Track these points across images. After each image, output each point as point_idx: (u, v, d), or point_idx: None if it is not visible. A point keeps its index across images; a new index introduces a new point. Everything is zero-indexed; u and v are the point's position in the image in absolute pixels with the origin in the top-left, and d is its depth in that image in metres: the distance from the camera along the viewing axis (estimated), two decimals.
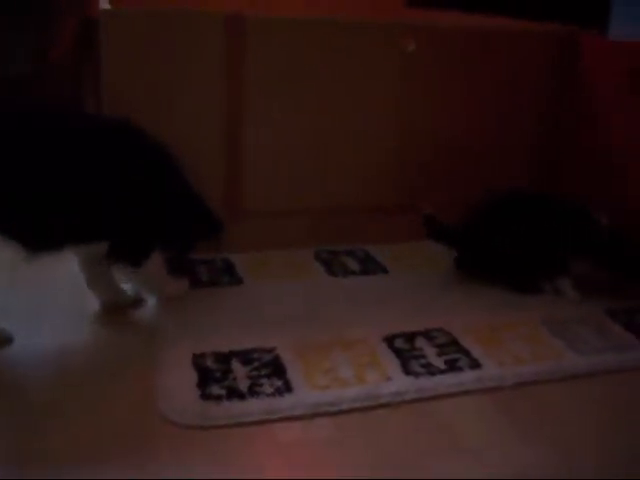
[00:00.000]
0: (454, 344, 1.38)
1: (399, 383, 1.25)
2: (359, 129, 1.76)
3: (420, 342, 1.39)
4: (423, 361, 1.32)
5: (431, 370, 1.29)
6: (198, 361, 1.29)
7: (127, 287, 1.50)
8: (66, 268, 1.45)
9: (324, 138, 1.74)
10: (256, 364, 1.28)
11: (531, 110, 1.92)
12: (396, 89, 1.76)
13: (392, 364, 1.30)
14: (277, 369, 1.27)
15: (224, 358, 1.30)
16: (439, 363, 1.32)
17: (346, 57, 1.70)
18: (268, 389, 1.21)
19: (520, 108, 1.91)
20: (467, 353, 1.35)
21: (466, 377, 1.28)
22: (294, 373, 1.26)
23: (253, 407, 1.16)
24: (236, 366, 1.28)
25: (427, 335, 1.41)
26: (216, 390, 1.20)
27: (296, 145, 1.73)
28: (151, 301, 1.51)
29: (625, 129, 1.72)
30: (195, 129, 1.64)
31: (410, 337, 1.40)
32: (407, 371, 1.28)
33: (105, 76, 1.55)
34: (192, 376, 1.24)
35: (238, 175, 1.72)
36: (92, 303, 1.48)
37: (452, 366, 1.31)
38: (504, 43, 1.83)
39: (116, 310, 1.47)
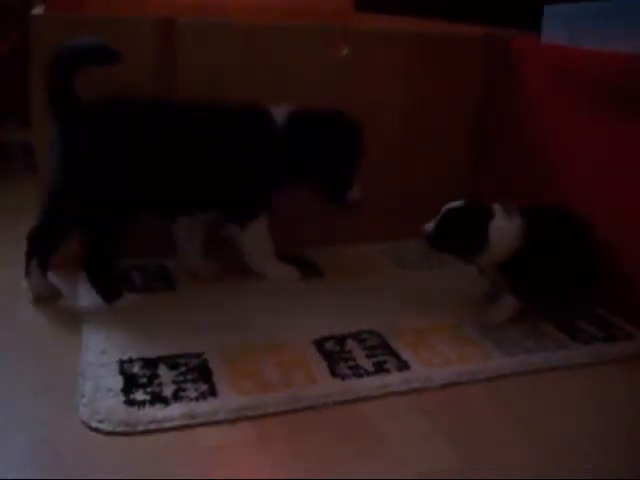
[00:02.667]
0: (384, 346, 1.39)
1: (324, 385, 1.25)
2: None
3: (350, 344, 1.39)
4: (351, 363, 1.32)
5: (358, 372, 1.30)
6: (125, 367, 1.28)
7: None
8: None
9: None
10: (183, 369, 1.28)
11: (463, 112, 1.95)
12: (329, 90, 1.77)
13: (319, 367, 1.31)
14: (203, 374, 1.27)
15: (151, 363, 1.29)
16: (367, 365, 1.32)
17: (281, 60, 1.70)
18: (192, 394, 1.21)
19: (452, 110, 1.93)
20: (396, 355, 1.36)
21: (393, 379, 1.29)
22: (220, 378, 1.26)
23: (175, 412, 1.16)
24: (163, 371, 1.27)
25: (358, 337, 1.42)
26: (140, 395, 1.20)
27: None
28: (84, 305, 1.51)
29: (555, 130, 1.74)
30: None
31: (340, 340, 1.41)
32: (334, 373, 1.29)
33: (34, 80, 1.54)
34: (117, 381, 1.23)
35: None
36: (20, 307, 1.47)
37: (380, 368, 1.31)
38: (435, 47, 1.85)
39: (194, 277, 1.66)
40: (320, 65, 1.75)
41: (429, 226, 1.49)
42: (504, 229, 1.46)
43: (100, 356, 1.31)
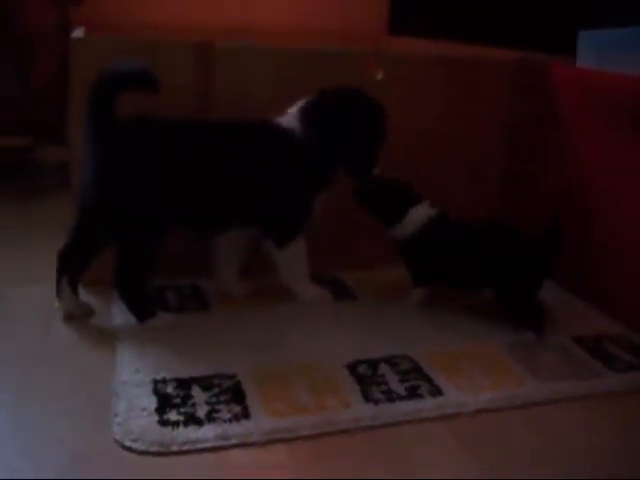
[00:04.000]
0: (417, 371, 1.39)
1: (358, 409, 1.25)
2: None
3: (383, 368, 1.39)
4: (384, 387, 1.32)
5: (391, 397, 1.29)
6: (159, 387, 1.29)
7: None
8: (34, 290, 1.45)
9: None
10: (216, 390, 1.28)
11: (495, 136, 1.94)
12: None
13: (352, 390, 1.30)
14: (237, 395, 1.27)
15: (185, 384, 1.30)
16: (400, 390, 1.32)
17: (311, 85, 1.71)
18: (226, 415, 1.21)
19: (484, 134, 1.92)
20: (429, 380, 1.35)
21: (426, 404, 1.28)
22: (253, 399, 1.26)
23: (209, 433, 1.16)
24: (196, 392, 1.28)
25: (390, 361, 1.41)
26: (174, 416, 1.20)
27: None
28: (117, 323, 1.52)
29: (591, 156, 1.73)
30: None
31: (373, 363, 1.40)
32: (367, 397, 1.28)
33: (74, 102, 1.56)
34: (151, 401, 1.24)
35: None
36: (54, 327, 1.49)
37: (413, 393, 1.31)
38: (468, 71, 1.85)
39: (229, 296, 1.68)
40: None
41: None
42: (420, 214, 1.63)
43: (134, 375, 1.32)
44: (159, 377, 1.32)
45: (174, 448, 1.13)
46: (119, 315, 1.55)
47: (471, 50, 2.14)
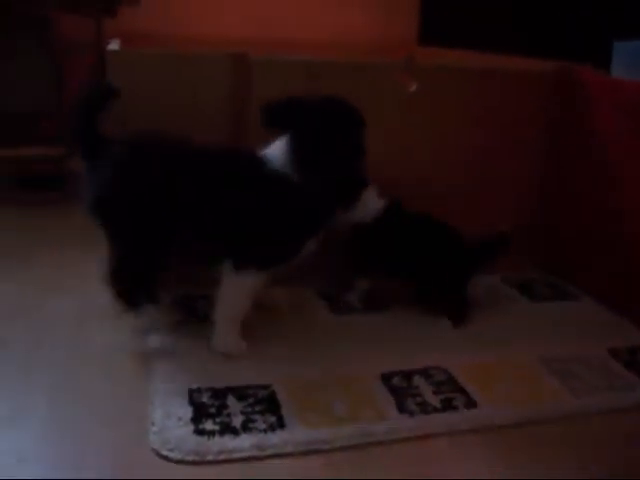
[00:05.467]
0: (451, 382, 1.38)
1: (393, 421, 1.25)
2: None
3: (417, 380, 1.39)
4: (418, 399, 1.32)
5: (426, 409, 1.29)
6: (194, 396, 1.29)
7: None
8: (66, 299, 1.47)
9: None
10: (251, 400, 1.29)
11: (530, 148, 1.93)
12: (398, 130, 1.78)
13: (387, 402, 1.30)
14: (272, 405, 1.28)
15: (220, 394, 1.31)
16: (435, 401, 1.31)
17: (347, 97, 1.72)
18: (261, 425, 1.21)
19: (518, 147, 1.91)
20: (463, 392, 1.35)
21: (461, 416, 1.28)
22: (288, 410, 1.26)
23: (245, 443, 1.17)
24: (231, 402, 1.28)
25: (425, 373, 1.41)
26: (210, 425, 1.21)
27: None
28: (152, 332, 1.53)
29: (624, 167, 1.71)
30: None
31: (408, 375, 1.40)
32: (402, 409, 1.28)
33: (112, 112, 1.58)
34: (187, 411, 1.25)
35: None
36: (89, 335, 1.51)
37: (447, 405, 1.31)
38: (502, 82, 1.85)
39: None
40: (384, 101, 1.76)
41: None
42: (371, 201, 1.64)
43: (169, 384, 1.33)
44: (194, 386, 1.32)
45: (210, 457, 1.14)
46: (154, 323, 1.56)
47: (503, 60, 2.13)
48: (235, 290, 1.46)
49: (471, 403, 1.32)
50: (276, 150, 1.44)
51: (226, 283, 1.46)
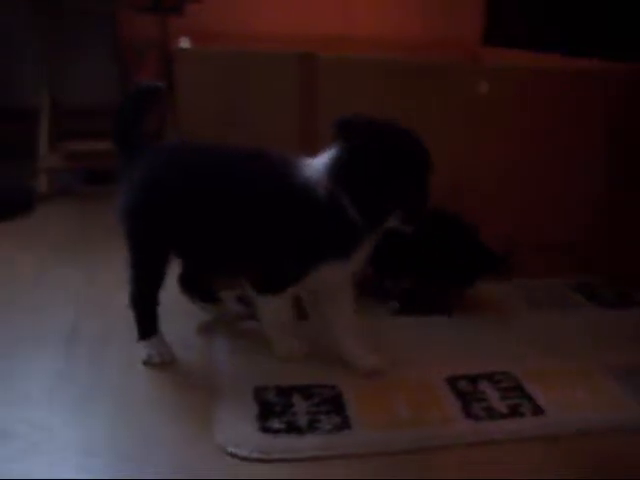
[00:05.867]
0: (518, 388, 1.36)
1: (459, 425, 1.24)
2: None
3: (483, 385, 1.37)
4: (485, 404, 1.30)
5: (492, 414, 1.28)
6: (260, 394, 1.30)
7: None
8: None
9: None
10: (316, 400, 1.29)
11: (598, 150, 1.89)
12: (470, 130, 1.76)
13: (453, 406, 1.29)
14: (337, 406, 1.28)
15: (286, 392, 1.31)
16: (501, 407, 1.30)
17: (416, 98, 1.71)
18: (326, 425, 1.22)
19: (586, 148, 1.88)
20: (530, 398, 1.33)
21: (527, 423, 1.26)
22: (353, 411, 1.26)
23: (310, 442, 1.17)
24: (297, 400, 1.29)
25: (491, 378, 1.40)
26: (276, 424, 1.22)
27: None
28: (217, 330, 1.54)
29: None
30: None
31: (474, 380, 1.39)
32: (468, 414, 1.27)
33: (181, 114, 1.61)
34: (253, 408, 1.26)
35: None
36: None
37: (514, 411, 1.29)
38: (569, 83, 1.81)
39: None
40: (450, 104, 1.74)
41: None
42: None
43: (236, 381, 1.34)
44: (260, 384, 1.33)
45: (275, 455, 1.15)
46: (220, 320, 1.58)
47: (569, 62, 2.09)
48: (264, 309, 1.43)
49: (538, 410, 1.30)
50: (322, 162, 1.33)
51: (255, 301, 1.43)
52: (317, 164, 1.33)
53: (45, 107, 2.44)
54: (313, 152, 1.42)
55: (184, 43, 1.77)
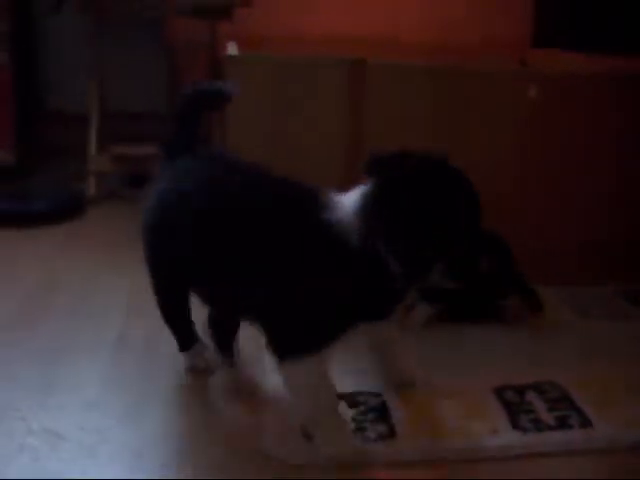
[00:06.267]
0: (566, 400, 1.34)
1: (506, 437, 1.22)
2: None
3: (530, 396, 1.36)
4: (532, 416, 1.29)
5: (539, 426, 1.26)
6: None
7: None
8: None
9: None
10: (362, 408, 1.29)
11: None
12: (519, 137, 1.75)
13: (500, 417, 1.28)
14: (382, 414, 1.27)
15: None
16: (549, 419, 1.28)
17: (464, 104, 1.70)
18: (372, 434, 1.22)
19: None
20: (579, 410, 1.31)
21: (576, 435, 1.24)
22: (399, 420, 1.26)
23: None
24: (343, 409, 1.29)
25: (538, 389, 1.38)
26: None
27: None
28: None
29: None
30: (319, 171, 1.69)
31: (520, 390, 1.37)
32: (515, 425, 1.26)
33: (229, 119, 1.62)
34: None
35: None
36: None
37: (562, 423, 1.27)
38: (624, 87, 1.78)
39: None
40: (504, 109, 1.73)
41: None
42: None
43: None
44: None
45: (320, 461, 1.15)
46: None
47: (625, 63, 2.05)
48: (289, 383, 1.17)
49: (587, 422, 1.28)
50: (353, 200, 1.12)
51: (280, 374, 1.17)
52: (348, 201, 1.12)
53: (94, 110, 2.48)
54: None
55: (232, 49, 1.78)
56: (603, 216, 1.84)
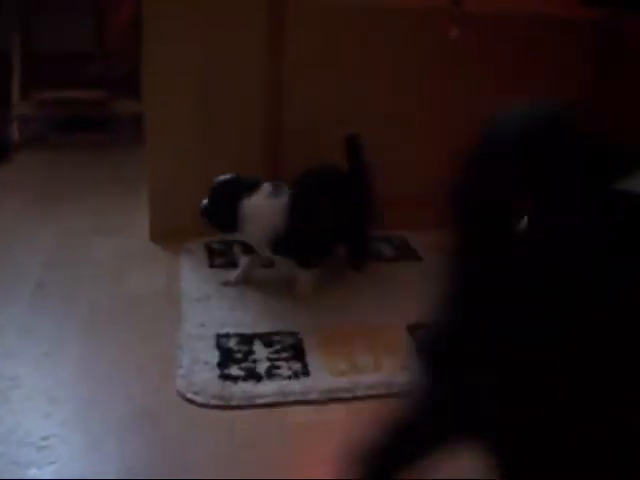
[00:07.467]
0: None
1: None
2: (395, 113, 1.76)
3: None
4: None
5: None
6: (221, 341, 1.32)
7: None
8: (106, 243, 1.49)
9: (360, 122, 1.75)
10: (277, 347, 1.31)
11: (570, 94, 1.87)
12: (435, 73, 1.76)
13: (411, 353, 1.30)
14: (297, 353, 1.29)
15: (247, 339, 1.32)
16: None
17: (384, 41, 1.69)
18: (285, 372, 1.23)
19: (559, 92, 1.85)
20: None
21: None
22: (313, 358, 1.28)
23: (268, 389, 1.19)
24: (258, 348, 1.30)
25: None
26: (235, 370, 1.23)
27: (329, 126, 1.73)
28: (185, 278, 1.55)
29: None
30: (237, 108, 1.69)
31: None
32: None
33: (145, 56, 1.59)
34: (214, 355, 1.27)
35: (275, 150, 1.75)
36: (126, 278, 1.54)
37: None
38: (546, 30, 1.79)
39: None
40: (422, 46, 1.73)
41: (205, 201, 1.48)
42: (262, 207, 1.44)
43: (198, 329, 1.35)
44: (223, 332, 1.34)
45: (233, 402, 1.16)
46: (187, 269, 1.58)
47: (549, 6, 2.05)
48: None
49: None
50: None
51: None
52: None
53: (16, 55, 2.40)
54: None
55: None
56: None
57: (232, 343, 1.31)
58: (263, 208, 1.44)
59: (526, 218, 0.76)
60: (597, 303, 0.73)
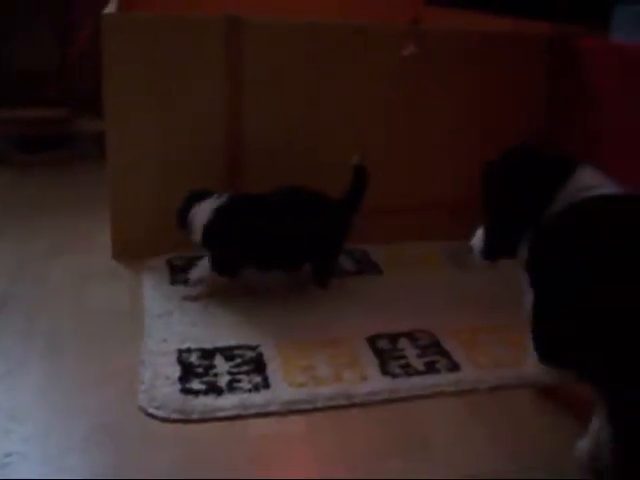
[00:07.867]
0: (436, 346, 1.40)
1: (374, 383, 1.27)
2: (350, 129, 1.79)
3: (403, 343, 1.41)
4: (403, 362, 1.34)
5: (409, 371, 1.31)
6: (183, 356, 1.33)
7: None
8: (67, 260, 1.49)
9: (318, 139, 1.78)
10: (238, 360, 1.32)
11: (523, 110, 1.93)
12: (390, 91, 1.80)
13: (371, 364, 1.33)
14: (258, 366, 1.31)
15: (209, 354, 1.34)
16: (418, 364, 1.34)
17: (338, 59, 1.74)
18: (246, 385, 1.25)
19: (512, 108, 1.91)
20: (448, 355, 1.37)
21: (443, 379, 1.30)
22: (274, 370, 1.29)
23: (229, 402, 1.20)
24: (219, 362, 1.31)
25: (411, 336, 1.43)
26: (196, 385, 1.24)
27: (291, 141, 1.76)
28: (147, 294, 1.56)
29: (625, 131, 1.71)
30: (197, 126, 1.70)
31: (394, 338, 1.42)
32: (385, 371, 1.31)
33: (105, 75, 1.60)
34: (175, 370, 1.28)
35: (237, 168, 1.76)
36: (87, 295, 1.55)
37: (430, 368, 1.33)
38: (499, 46, 1.84)
39: None
40: (384, 64, 1.76)
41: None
42: (201, 211, 1.56)
43: (160, 345, 1.36)
44: (184, 347, 1.36)
45: (194, 416, 1.17)
46: (149, 286, 1.59)
47: (504, 23, 2.11)
48: None
49: (454, 366, 1.34)
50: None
51: None
52: None
53: None
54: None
55: (110, 7, 1.75)
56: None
57: (193, 358, 1.32)
58: (199, 211, 1.56)
59: None
60: None
